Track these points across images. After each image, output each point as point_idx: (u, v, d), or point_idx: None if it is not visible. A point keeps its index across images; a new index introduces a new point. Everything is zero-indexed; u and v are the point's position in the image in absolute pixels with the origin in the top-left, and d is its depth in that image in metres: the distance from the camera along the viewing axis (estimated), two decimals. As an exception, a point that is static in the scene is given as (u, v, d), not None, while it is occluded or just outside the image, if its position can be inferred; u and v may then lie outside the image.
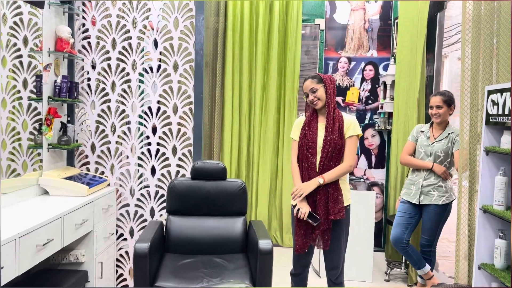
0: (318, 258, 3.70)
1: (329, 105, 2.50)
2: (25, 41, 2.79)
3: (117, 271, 3.30)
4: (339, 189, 2.48)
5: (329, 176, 2.44)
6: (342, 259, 2.58)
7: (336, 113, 2.51)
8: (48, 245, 2.25)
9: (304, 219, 2.42)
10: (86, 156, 3.30)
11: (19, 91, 2.78)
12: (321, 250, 2.68)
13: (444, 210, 3.12)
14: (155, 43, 3.24)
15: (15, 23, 2.70)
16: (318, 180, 2.43)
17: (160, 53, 3.24)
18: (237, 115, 4.46)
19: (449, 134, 3.12)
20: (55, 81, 3.00)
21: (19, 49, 2.74)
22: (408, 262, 3.50)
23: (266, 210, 4.55)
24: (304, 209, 2.43)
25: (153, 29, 3.24)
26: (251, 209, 4.55)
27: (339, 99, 4.54)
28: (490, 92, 2.30)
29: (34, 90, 2.87)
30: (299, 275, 2.68)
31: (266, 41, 4.45)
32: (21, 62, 2.76)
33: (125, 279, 3.32)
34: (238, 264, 2.71)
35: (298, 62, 4.43)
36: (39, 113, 2.91)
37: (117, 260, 3.31)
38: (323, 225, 2.45)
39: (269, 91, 4.47)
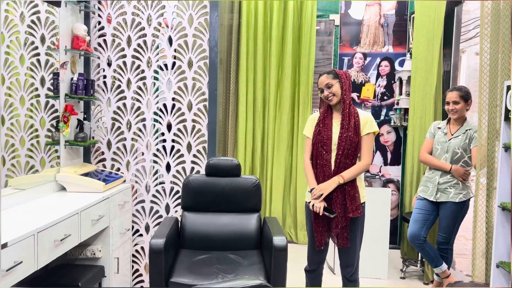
0: (332, 255, 3.68)
1: (344, 101, 2.48)
2: (43, 39, 2.83)
3: (133, 266, 3.34)
4: (356, 186, 2.46)
5: (347, 175, 2.42)
6: (357, 257, 2.56)
7: (351, 110, 2.49)
8: (66, 240, 2.28)
9: (320, 213, 2.42)
10: (102, 153, 3.34)
11: (36, 89, 2.82)
12: (336, 247, 2.67)
13: (461, 208, 3.08)
14: (170, 40, 3.26)
15: (32, 21, 2.74)
16: (338, 180, 2.42)
17: (175, 50, 3.25)
18: (251, 112, 4.46)
19: (466, 130, 3.07)
20: (72, 78, 3.04)
21: (36, 47, 2.78)
22: (424, 259, 3.47)
23: (280, 207, 4.54)
24: (319, 204, 2.42)
25: (167, 26, 3.26)
26: (265, 205, 4.55)
27: (354, 95, 4.50)
28: (509, 88, 2.26)
29: (51, 88, 2.91)
30: (314, 271, 2.67)
31: (280, 37, 4.43)
32: (38, 60, 2.80)
33: (140, 275, 3.35)
34: (252, 260, 2.72)
35: (313, 58, 4.41)
36: (56, 111, 2.95)
37: (133, 255, 3.34)
38: (340, 223, 2.44)
39: (283, 88, 4.46)
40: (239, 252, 2.84)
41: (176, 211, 3.30)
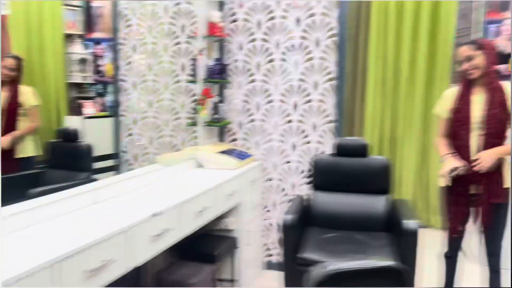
0: (472, 242, 3.39)
1: (488, 75, 2.23)
2: (183, 29, 3.09)
3: (262, 240, 3.52)
4: (502, 170, 2.23)
5: (499, 151, 2.21)
6: (501, 246, 2.34)
7: (497, 84, 2.24)
8: (204, 213, 2.51)
9: (460, 173, 2.24)
10: (234, 133, 3.55)
11: (177, 75, 3.11)
12: (478, 235, 2.47)
13: None
14: (297, 21, 3.28)
15: (174, 12, 3.00)
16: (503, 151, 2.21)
17: (303, 30, 3.26)
18: (380, 89, 4.27)
19: None
20: (208, 64, 3.26)
21: (177, 36, 3.06)
22: None
23: (412, 189, 4.32)
24: (457, 163, 2.24)
25: (296, 7, 3.27)
26: (395, 187, 4.37)
27: (501, 67, 4.01)
28: None
29: (191, 73, 3.18)
30: (451, 257, 2.53)
31: (414, 6, 4.10)
32: (179, 48, 3.07)
33: (268, 249, 3.52)
34: (381, 242, 2.66)
35: (453, 27, 4.00)
36: (194, 94, 3.22)
37: (262, 230, 3.52)
38: (484, 209, 2.24)
39: (417, 62, 4.16)
40: (367, 233, 2.80)
41: (301, 190, 3.37)
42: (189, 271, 2.59)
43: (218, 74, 3.27)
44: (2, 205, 1.84)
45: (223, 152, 3.24)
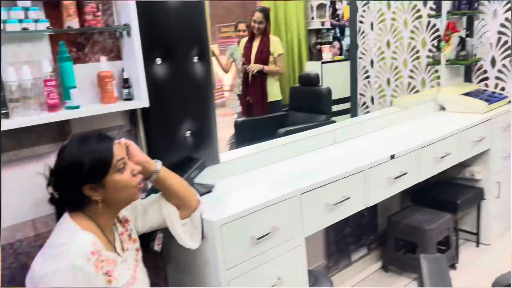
0: None
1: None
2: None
3: None
4: None
5: None
6: None
7: None
8: (445, 159, 2.34)
9: None
10: (485, 71, 3.10)
11: (419, 10, 2.87)
12: None
13: None
14: None
15: None
16: None
17: None
18: None
19: None
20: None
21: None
22: None
23: None
24: None
25: None
26: None
27: None
28: None
29: (434, 7, 2.89)
30: None
31: None
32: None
33: None
34: None
35: None
36: (437, 30, 2.93)
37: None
38: None
39: None
40: None
41: None
42: (424, 217, 2.50)
43: (467, 4, 2.87)
44: (258, 142, 2.15)
45: (469, 93, 2.90)
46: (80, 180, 1.08)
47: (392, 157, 2.01)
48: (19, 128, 1.27)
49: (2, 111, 1.20)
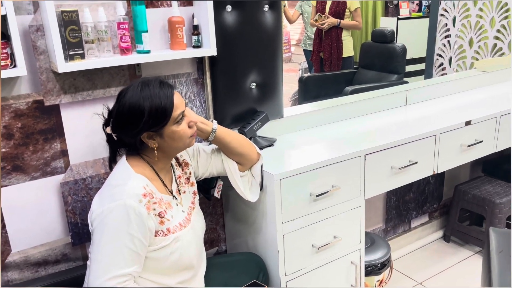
0: None
1: None
2: None
3: None
4: None
5: None
6: None
7: None
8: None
9: None
10: None
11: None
12: None
13: None
14: None
15: None
16: None
17: None
18: None
19: None
20: None
21: None
22: None
23: None
24: None
25: None
26: None
27: None
28: None
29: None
30: None
31: None
32: None
33: None
34: None
35: None
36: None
37: None
38: None
39: None
40: None
41: None
42: (495, 189, 2.35)
43: None
44: (323, 99, 2.08)
45: None
46: (139, 128, 1.10)
47: (468, 123, 1.88)
48: (93, 69, 1.32)
49: (78, 52, 1.24)
